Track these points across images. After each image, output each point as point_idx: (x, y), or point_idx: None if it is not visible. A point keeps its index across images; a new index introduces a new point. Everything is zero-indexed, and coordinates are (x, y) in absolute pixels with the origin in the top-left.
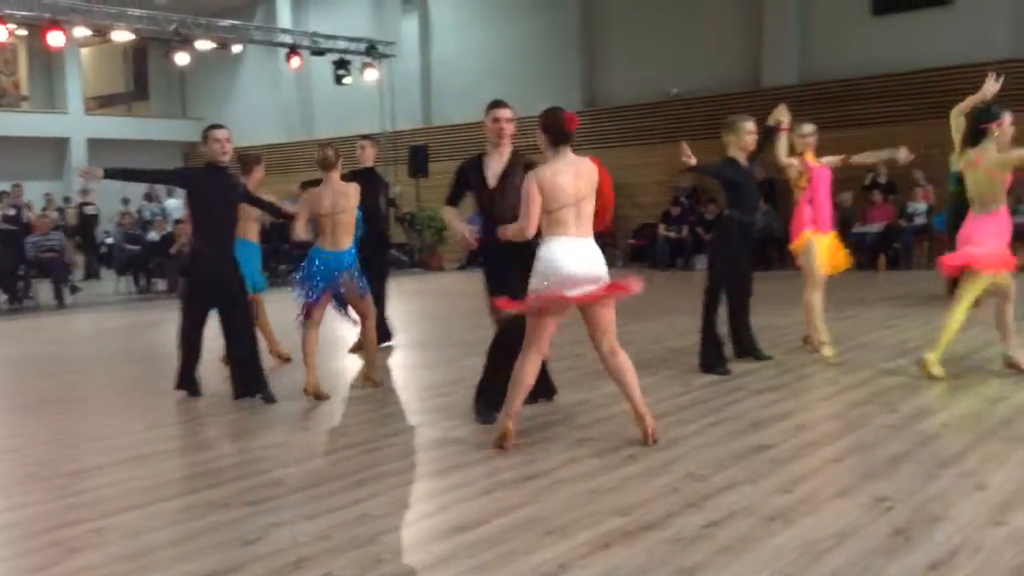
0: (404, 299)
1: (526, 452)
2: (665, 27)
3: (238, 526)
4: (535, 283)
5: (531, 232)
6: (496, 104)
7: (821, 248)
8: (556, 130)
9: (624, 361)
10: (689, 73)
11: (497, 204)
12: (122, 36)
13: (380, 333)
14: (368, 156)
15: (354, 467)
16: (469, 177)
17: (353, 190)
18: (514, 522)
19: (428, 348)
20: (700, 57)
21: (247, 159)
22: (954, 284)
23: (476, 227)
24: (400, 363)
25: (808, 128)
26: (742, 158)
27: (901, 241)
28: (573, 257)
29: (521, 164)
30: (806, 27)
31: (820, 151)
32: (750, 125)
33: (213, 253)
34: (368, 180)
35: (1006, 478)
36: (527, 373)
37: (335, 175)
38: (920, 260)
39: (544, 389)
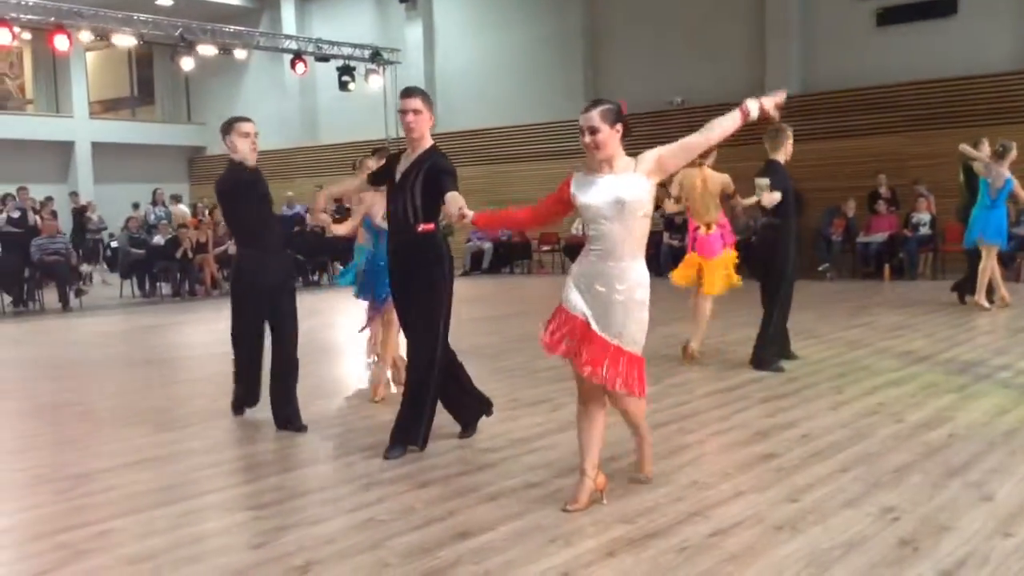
0: None
1: (527, 459)
2: (669, 36)
3: (244, 530)
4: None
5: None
6: (403, 92)
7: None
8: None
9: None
10: (693, 82)
11: (396, 203)
12: (127, 41)
13: None
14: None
15: (360, 472)
16: (391, 167)
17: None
18: (517, 529)
19: None
20: (704, 66)
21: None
22: (958, 288)
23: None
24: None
25: None
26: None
27: (905, 251)
28: None
29: (427, 163)
30: (809, 37)
31: (822, 163)
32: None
33: (255, 261)
34: None
35: (1012, 490)
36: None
37: None
38: (924, 270)
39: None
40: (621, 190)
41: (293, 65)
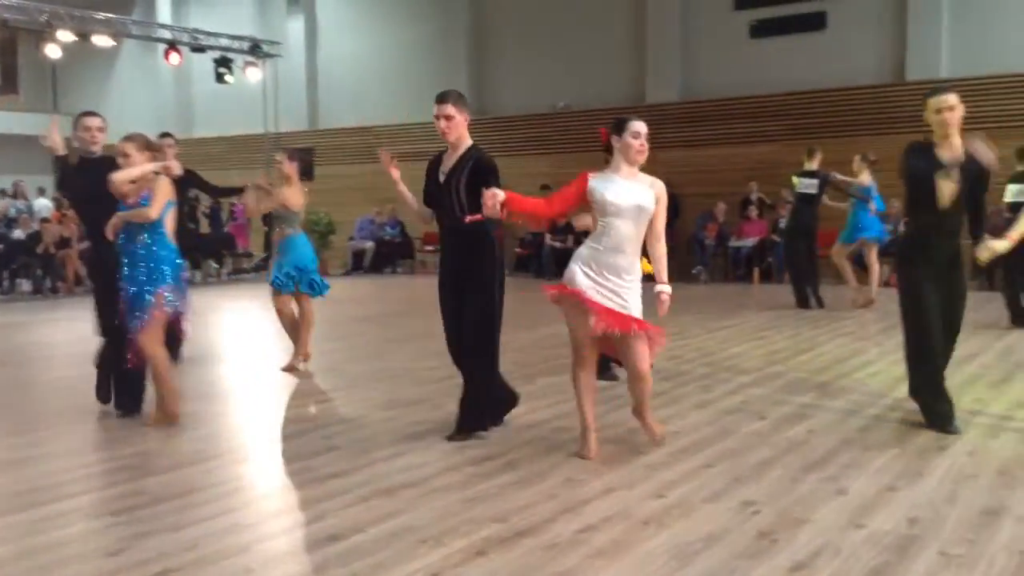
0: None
1: (403, 460)
2: (554, 41)
3: (101, 536)
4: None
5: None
6: (437, 98)
7: None
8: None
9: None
10: (576, 87)
11: (443, 201)
12: None
13: None
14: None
15: (225, 476)
16: (430, 171)
17: None
18: (389, 531)
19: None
20: (587, 72)
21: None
22: (800, 294)
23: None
24: (276, 371)
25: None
26: None
27: (774, 255)
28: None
29: (470, 162)
30: (688, 47)
31: (698, 169)
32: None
33: (106, 254)
34: None
35: (865, 483)
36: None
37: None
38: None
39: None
40: (641, 197)
41: (167, 55)
